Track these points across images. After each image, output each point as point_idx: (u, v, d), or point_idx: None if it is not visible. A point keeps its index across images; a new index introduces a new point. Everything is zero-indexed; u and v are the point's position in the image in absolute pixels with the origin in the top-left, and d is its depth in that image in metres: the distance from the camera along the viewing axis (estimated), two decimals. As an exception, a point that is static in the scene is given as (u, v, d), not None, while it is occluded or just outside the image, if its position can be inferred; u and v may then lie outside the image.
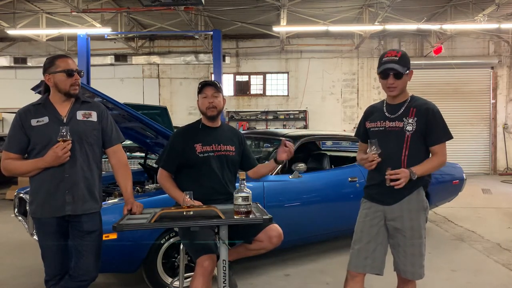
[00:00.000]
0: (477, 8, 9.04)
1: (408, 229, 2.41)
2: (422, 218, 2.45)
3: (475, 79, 12.05)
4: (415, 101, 2.47)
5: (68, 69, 2.39)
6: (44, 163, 2.32)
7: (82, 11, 8.65)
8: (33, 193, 2.43)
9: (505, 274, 4.02)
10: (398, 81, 2.39)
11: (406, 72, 2.39)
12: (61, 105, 2.44)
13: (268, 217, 2.30)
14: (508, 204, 7.37)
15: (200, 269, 2.49)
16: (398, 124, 2.43)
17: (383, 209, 2.47)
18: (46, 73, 2.42)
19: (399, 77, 2.37)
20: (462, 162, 7.62)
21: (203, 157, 2.85)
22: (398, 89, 2.42)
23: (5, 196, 7.94)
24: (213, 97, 2.86)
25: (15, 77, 12.17)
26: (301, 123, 12.18)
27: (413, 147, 2.39)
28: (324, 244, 4.76)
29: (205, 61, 12.15)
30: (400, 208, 2.42)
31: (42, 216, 2.39)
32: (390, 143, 2.43)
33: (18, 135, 2.38)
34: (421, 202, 2.45)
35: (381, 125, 2.50)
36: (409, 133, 2.39)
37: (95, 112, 2.51)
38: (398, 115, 2.44)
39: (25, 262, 4.29)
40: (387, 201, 2.45)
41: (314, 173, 4.38)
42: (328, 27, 9.70)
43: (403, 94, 2.47)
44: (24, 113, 2.41)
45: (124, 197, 2.56)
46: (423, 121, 2.38)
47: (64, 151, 2.28)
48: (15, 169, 2.41)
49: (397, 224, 2.44)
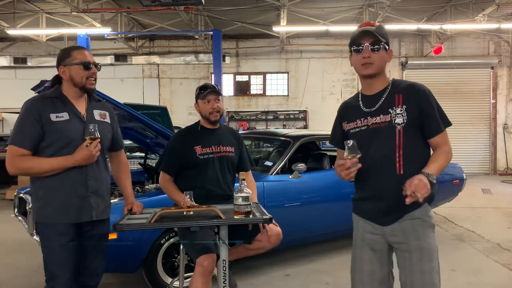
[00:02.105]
0: (477, 8, 9.04)
1: (416, 250, 1.86)
2: (431, 236, 1.90)
3: (475, 79, 12.04)
4: (398, 85, 1.95)
5: (86, 61, 2.20)
6: (75, 162, 2.12)
7: (82, 11, 8.65)
8: (47, 194, 2.15)
9: (505, 274, 4.02)
10: (375, 55, 1.89)
11: (385, 44, 1.91)
12: (77, 101, 2.25)
13: (268, 217, 2.30)
14: (508, 204, 7.37)
15: (200, 269, 2.49)
16: (384, 118, 1.90)
17: (382, 231, 1.95)
18: (61, 65, 2.22)
19: (376, 49, 1.89)
20: (462, 162, 7.62)
21: (204, 159, 2.86)
22: (375, 67, 1.90)
23: (5, 196, 7.93)
24: (216, 102, 2.87)
25: (15, 77, 12.15)
26: (301, 123, 12.17)
27: (407, 144, 1.87)
28: (324, 244, 4.76)
29: (205, 61, 12.15)
30: (402, 227, 1.90)
31: (59, 221, 2.14)
32: (378, 144, 1.91)
33: (33, 128, 2.10)
34: (427, 218, 1.90)
35: (362, 124, 1.96)
36: (400, 126, 1.87)
37: (108, 114, 2.39)
38: (380, 107, 1.92)
39: (25, 262, 4.29)
40: (384, 220, 1.93)
41: (314, 173, 4.38)
42: (328, 27, 9.70)
43: (381, 79, 1.96)
44: (40, 104, 2.15)
45: (124, 196, 2.55)
46: (415, 108, 1.87)
47: (96, 149, 2.14)
48: (33, 167, 2.12)
49: (402, 246, 1.90)
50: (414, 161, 1.88)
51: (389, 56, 1.97)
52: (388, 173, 1.88)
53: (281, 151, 4.32)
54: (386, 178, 1.89)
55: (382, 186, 1.91)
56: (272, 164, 4.15)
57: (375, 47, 1.90)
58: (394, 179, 1.86)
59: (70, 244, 2.17)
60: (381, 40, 1.90)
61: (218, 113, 2.89)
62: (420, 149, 1.92)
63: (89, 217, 2.21)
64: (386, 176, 1.89)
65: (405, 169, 1.86)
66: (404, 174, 1.83)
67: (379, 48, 1.90)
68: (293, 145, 4.23)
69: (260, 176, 3.90)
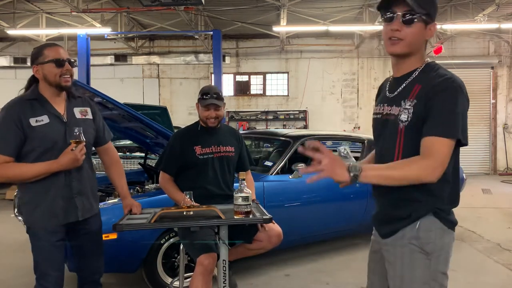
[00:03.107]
0: (477, 8, 9.03)
1: (398, 279, 1.56)
2: (422, 268, 1.51)
3: (475, 79, 12.04)
4: (429, 71, 1.54)
5: (58, 58, 2.14)
6: (60, 166, 2.11)
7: (82, 11, 8.65)
8: (33, 198, 2.16)
9: (505, 274, 4.02)
10: (408, 30, 1.49)
11: (423, 15, 1.47)
12: (55, 101, 2.20)
13: (268, 217, 2.30)
14: (508, 204, 7.37)
15: (200, 268, 2.49)
16: (395, 110, 1.56)
17: (379, 242, 1.67)
18: (34, 64, 2.17)
19: (410, 21, 1.47)
20: (462, 162, 7.53)
21: (203, 159, 2.86)
22: (405, 44, 1.51)
23: (5, 196, 7.93)
24: (216, 110, 2.85)
25: (15, 77, 12.15)
26: (301, 123, 12.17)
27: (408, 147, 1.52)
28: (324, 244, 4.76)
29: (205, 61, 12.14)
30: (394, 245, 1.58)
31: (48, 226, 2.15)
32: (384, 140, 1.63)
33: (14, 134, 2.07)
34: (418, 243, 1.51)
35: (379, 111, 1.66)
36: (403, 124, 1.53)
37: (89, 109, 2.33)
38: (397, 95, 1.58)
39: (25, 262, 4.28)
40: (380, 230, 1.67)
41: (314, 173, 4.37)
42: (328, 27, 9.70)
43: (413, 60, 1.56)
44: (20, 108, 2.11)
45: (120, 195, 2.53)
46: (423, 105, 1.48)
47: (81, 153, 2.11)
48: (18, 175, 2.11)
49: (389, 268, 1.61)
50: None
51: (430, 32, 1.53)
52: None
53: (281, 151, 4.32)
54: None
55: (382, 191, 1.63)
56: (272, 164, 4.15)
57: (408, 19, 1.47)
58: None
59: (59, 244, 2.20)
60: (417, 11, 1.46)
61: (217, 120, 2.88)
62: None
63: (75, 218, 2.23)
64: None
65: None
66: None
67: (413, 20, 1.47)
68: (293, 145, 4.23)
69: (260, 176, 3.90)
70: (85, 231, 2.32)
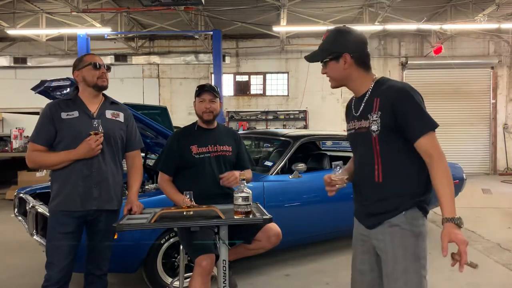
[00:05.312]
0: (477, 8, 9.04)
1: (391, 258, 1.79)
2: (410, 245, 1.77)
3: (475, 79, 12.05)
4: (379, 86, 1.85)
5: (95, 62, 2.45)
6: (77, 155, 2.34)
7: (82, 11, 8.66)
8: (58, 186, 2.40)
9: (505, 274, 4.02)
10: (327, 69, 1.91)
11: (332, 55, 1.86)
12: (91, 101, 2.48)
13: (268, 217, 2.30)
14: (508, 204, 7.37)
15: (199, 269, 2.49)
16: (364, 123, 1.85)
17: (368, 233, 1.91)
18: (75, 70, 2.48)
19: (324, 64, 1.91)
20: (462, 162, 7.61)
21: (199, 158, 2.88)
22: (332, 79, 1.93)
23: (5, 196, 7.93)
24: (211, 102, 2.90)
25: (15, 77, 12.16)
26: (301, 123, 12.18)
27: (386, 152, 1.80)
28: (324, 244, 4.76)
29: (205, 61, 12.15)
30: (383, 233, 1.83)
31: (67, 208, 2.36)
32: (361, 150, 1.91)
33: (46, 127, 2.39)
34: (408, 226, 1.78)
35: (352, 127, 1.96)
36: (375, 133, 1.79)
37: (122, 114, 2.58)
38: (362, 112, 1.87)
39: (25, 262, 4.29)
40: (367, 223, 1.91)
41: (314, 173, 4.38)
42: (328, 27, 9.67)
43: (359, 83, 1.89)
44: (54, 106, 2.43)
45: (128, 195, 2.59)
46: (389, 114, 1.75)
47: (97, 143, 2.32)
48: (44, 161, 2.42)
49: (381, 253, 1.84)
50: (396, 169, 1.80)
51: (346, 62, 1.85)
52: (368, 180, 1.86)
53: (281, 151, 4.32)
54: (367, 184, 1.88)
55: (365, 192, 1.91)
56: (272, 164, 4.15)
57: (324, 63, 1.91)
58: (374, 186, 1.84)
59: (70, 236, 2.37)
60: (322, 57, 1.91)
61: (212, 113, 2.91)
62: (402, 156, 1.79)
63: (89, 206, 2.39)
64: (367, 183, 1.88)
65: (384, 176, 1.80)
66: (383, 182, 1.81)
67: (325, 63, 1.90)
68: (293, 145, 4.23)
69: (260, 176, 3.90)
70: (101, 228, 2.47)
